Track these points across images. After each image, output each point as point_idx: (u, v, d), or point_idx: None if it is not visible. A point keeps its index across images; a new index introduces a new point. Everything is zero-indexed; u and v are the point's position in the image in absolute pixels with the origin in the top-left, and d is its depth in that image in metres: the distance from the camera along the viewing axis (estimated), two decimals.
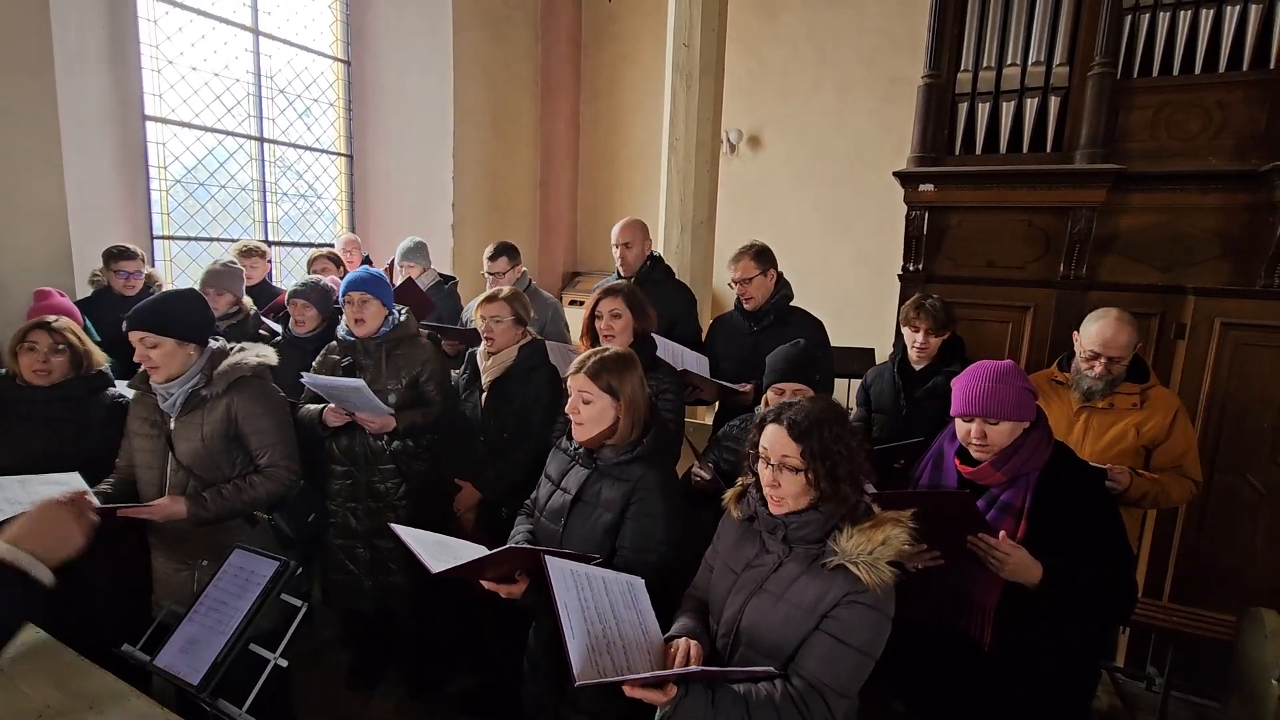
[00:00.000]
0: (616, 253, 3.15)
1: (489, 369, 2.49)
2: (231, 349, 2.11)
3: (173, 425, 2.03)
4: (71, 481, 1.89)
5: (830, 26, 5.88)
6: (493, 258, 3.40)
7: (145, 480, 2.07)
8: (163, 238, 4.53)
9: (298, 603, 1.56)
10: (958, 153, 3.41)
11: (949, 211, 3.43)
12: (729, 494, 1.56)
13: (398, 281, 3.89)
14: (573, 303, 6.21)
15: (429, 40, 5.58)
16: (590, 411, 1.71)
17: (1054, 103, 3.18)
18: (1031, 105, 3.22)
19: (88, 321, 2.95)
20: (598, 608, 1.33)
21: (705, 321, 3.69)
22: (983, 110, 3.32)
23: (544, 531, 1.84)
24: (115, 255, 3.23)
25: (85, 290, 3.49)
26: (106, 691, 1.56)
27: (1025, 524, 1.62)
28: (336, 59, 5.66)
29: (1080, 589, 1.56)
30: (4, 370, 2.14)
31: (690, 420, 3.54)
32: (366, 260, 4.70)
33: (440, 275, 4.01)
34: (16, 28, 3.31)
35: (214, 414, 2.02)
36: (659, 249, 3.73)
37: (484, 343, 2.52)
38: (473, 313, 2.60)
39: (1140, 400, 2.26)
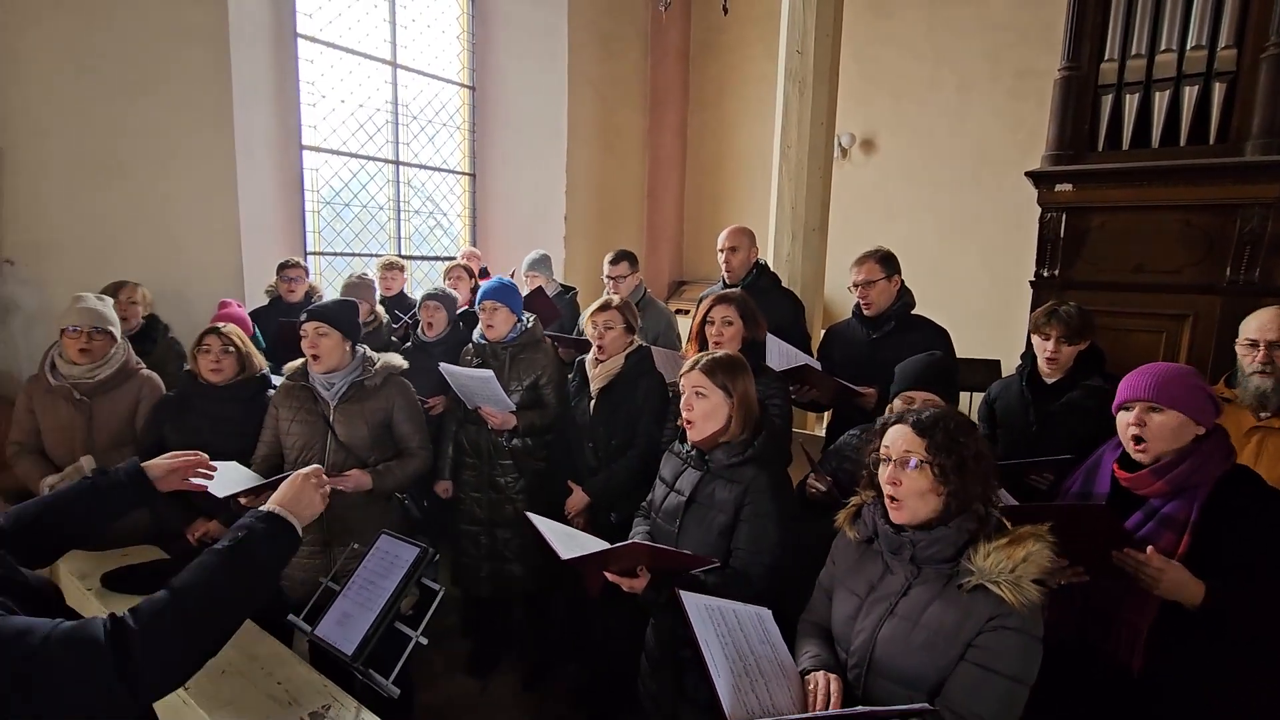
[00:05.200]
0: (721, 257, 3.13)
1: (597, 377, 2.56)
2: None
3: (332, 411, 2.29)
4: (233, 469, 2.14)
5: (950, 22, 5.60)
6: (614, 262, 3.49)
7: (302, 461, 2.30)
8: (314, 253, 5.07)
9: (436, 586, 1.68)
10: (1100, 149, 3.15)
11: (1090, 212, 3.17)
12: (842, 515, 1.49)
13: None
14: (678, 311, 6.25)
15: (545, 62, 5.87)
16: (704, 406, 1.74)
17: (1218, 90, 2.86)
18: (1190, 94, 2.92)
19: (256, 330, 3.36)
20: (735, 643, 1.33)
21: (816, 331, 3.61)
22: (1130, 102, 3.05)
23: (660, 532, 1.88)
24: (285, 265, 3.87)
25: (257, 300, 3.99)
26: (275, 656, 1.78)
27: (1189, 539, 1.45)
28: (463, 85, 6.08)
29: (1251, 616, 1.38)
30: (188, 368, 2.48)
31: (799, 430, 3.47)
32: (484, 271, 4.98)
33: (562, 285, 4.18)
34: (204, 73, 3.83)
35: (374, 403, 2.35)
36: (769, 257, 3.69)
37: (594, 350, 2.59)
38: (584, 321, 2.68)
39: None
